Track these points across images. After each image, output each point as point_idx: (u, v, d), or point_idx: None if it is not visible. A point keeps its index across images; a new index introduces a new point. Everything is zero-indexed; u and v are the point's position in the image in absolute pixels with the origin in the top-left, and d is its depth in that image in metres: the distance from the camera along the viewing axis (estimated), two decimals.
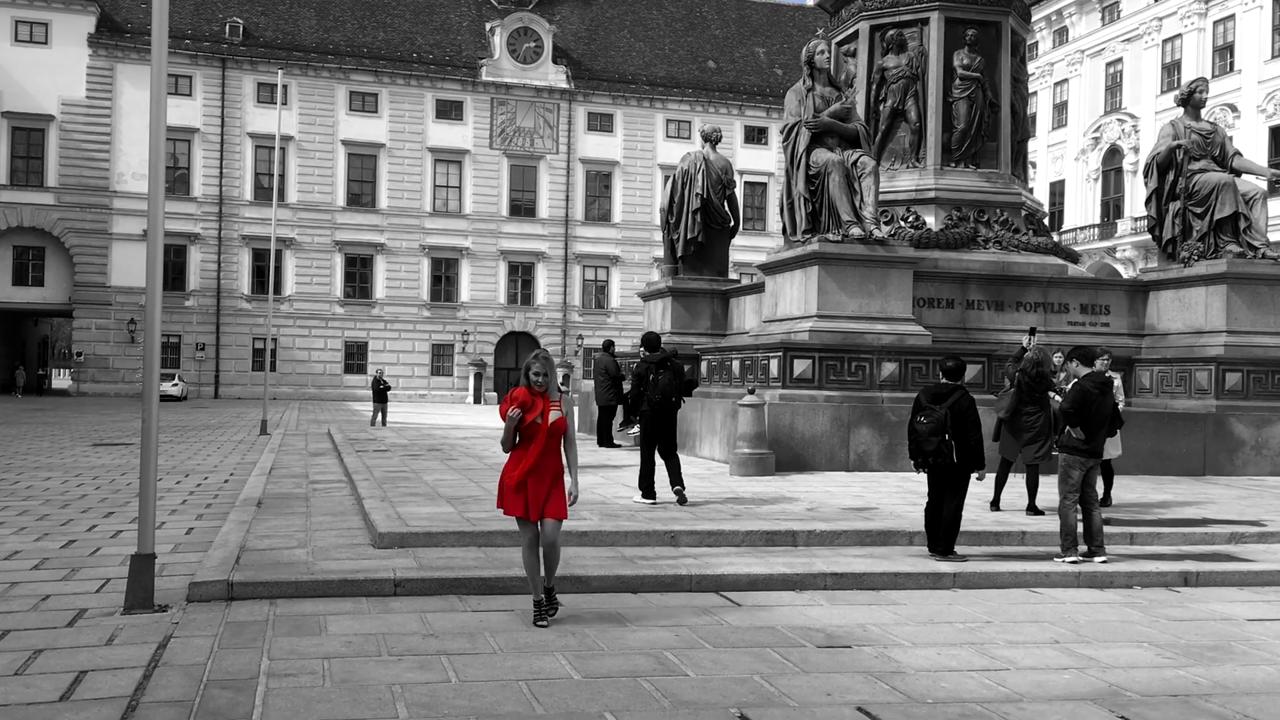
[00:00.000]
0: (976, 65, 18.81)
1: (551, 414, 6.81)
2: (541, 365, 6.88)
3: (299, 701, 5.25)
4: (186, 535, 10.31)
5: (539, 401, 6.83)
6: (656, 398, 11.63)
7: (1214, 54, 43.05)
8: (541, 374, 6.87)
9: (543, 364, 6.89)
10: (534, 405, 6.81)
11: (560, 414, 6.86)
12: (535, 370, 6.87)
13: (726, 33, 60.67)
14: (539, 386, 6.87)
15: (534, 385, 6.87)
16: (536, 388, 6.87)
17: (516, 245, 55.16)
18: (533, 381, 6.87)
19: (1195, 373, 17.34)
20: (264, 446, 21.23)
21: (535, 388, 6.87)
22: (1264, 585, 8.92)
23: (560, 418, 6.85)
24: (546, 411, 6.81)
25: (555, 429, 6.82)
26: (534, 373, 6.87)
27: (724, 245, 22.83)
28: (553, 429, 6.81)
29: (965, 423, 9.12)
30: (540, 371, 6.86)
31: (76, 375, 51.14)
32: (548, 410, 6.81)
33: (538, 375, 6.87)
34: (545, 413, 6.79)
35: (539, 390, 6.87)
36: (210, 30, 51.91)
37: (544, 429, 6.77)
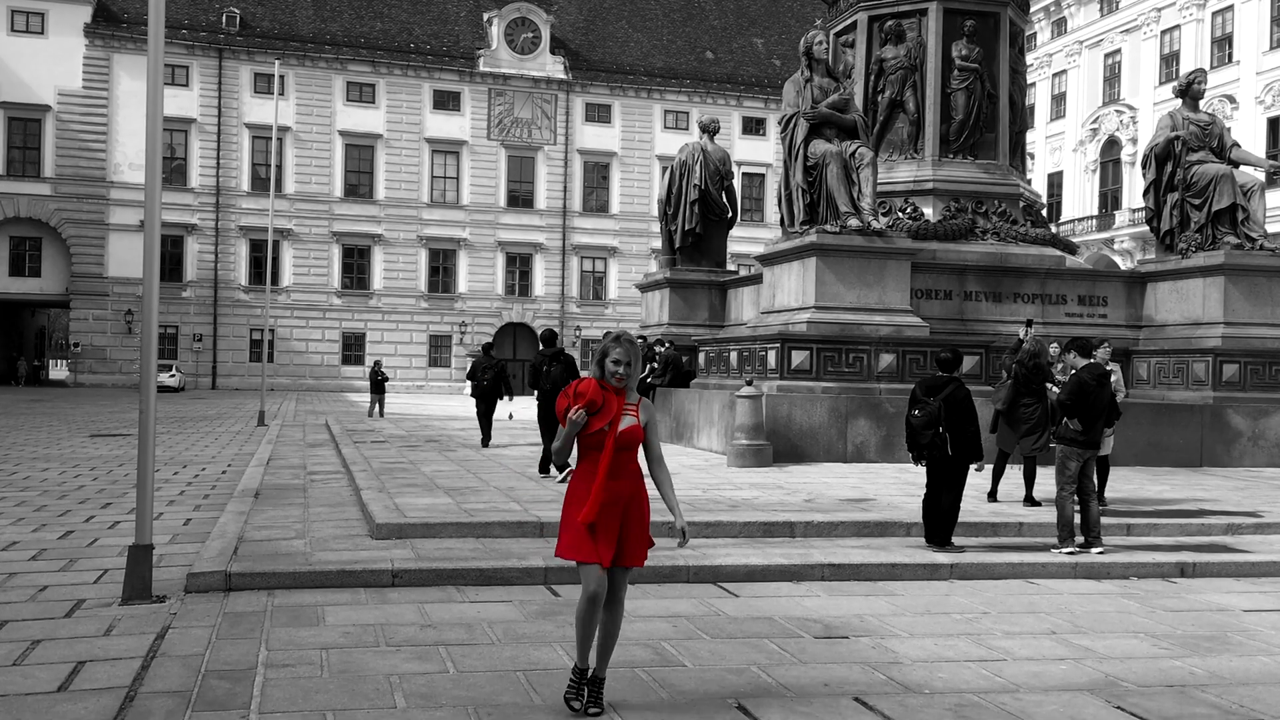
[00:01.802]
0: (975, 56, 18.79)
1: (623, 420, 4.83)
2: (625, 351, 4.87)
3: (297, 692, 5.25)
4: (184, 526, 10.31)
5: (611, 401, 4.84)
6: (547, 387, 13.35)
7: (1212, 45, 43.01)
8: (625, 362, 4.86)
9: (627, 349, 4.87)
10: (604, 406, 4.83)
11: (635, 420, 4.88)
12: (617, 357, 4.84)
13: (724, 23, 60.55)
14: (618, 380, 4.85)
15: (610, 378, 4.85)
16: (613, 380, 4.86)
17: (514, 236, 55.09)
18: (609, 373, 4.86)
19: (1193, 364, 17.36)
20: (261, 437, 21.23)
21: (611, 381, 4.86)
22: (1260, 576, 8.93)
23: (634, 425, 4.87)
24: (617, 416, 4.82)
25: (626, 441, 4.85)
26: (614, 360, 4.85)
27: (722, 236, 22.83)
28: (622, 441, 4.83)
29: (961, 414, 9.13)
30: (623, 359, 4.85)
31: (73, 366, 51.10)
32: (619, 414, 4.83)
33: (619, 364, 4.85)
34: (615, 418, 4.82)
35: (615, 386, 4.87)
36: (207, 20, 51.75)
37: (610, 441, 4.80)
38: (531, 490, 11.73)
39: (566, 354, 13.94)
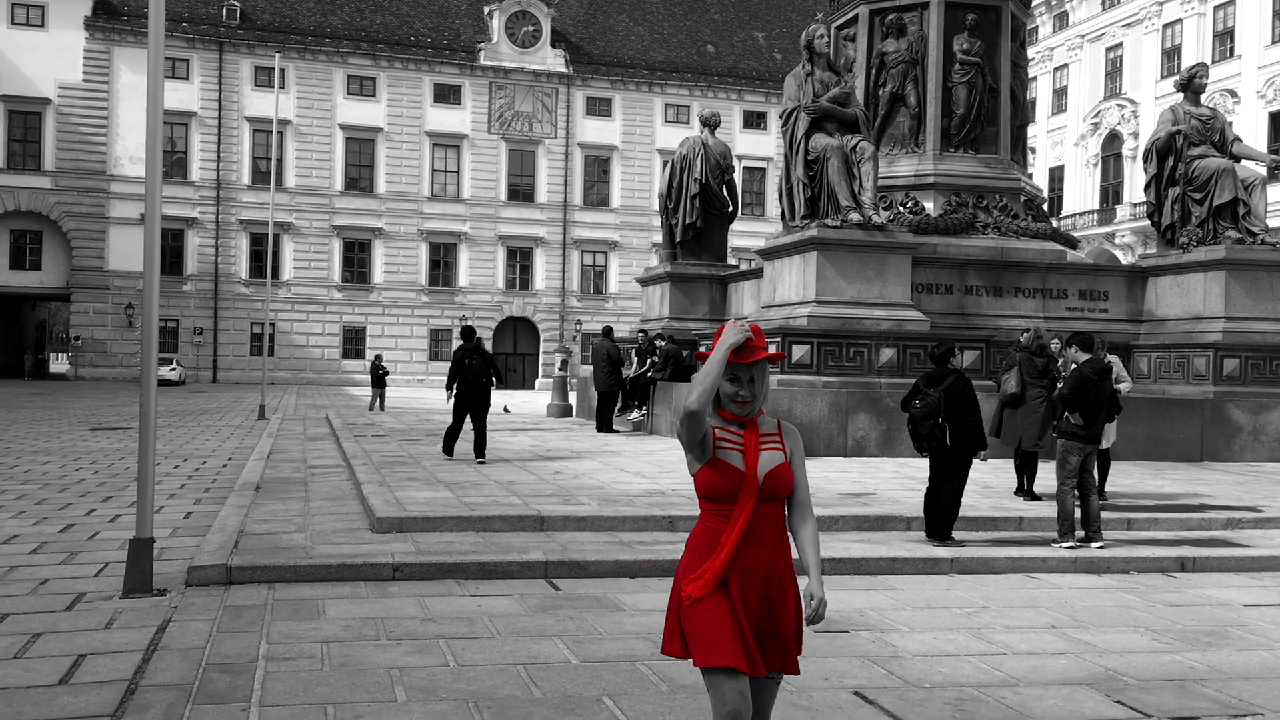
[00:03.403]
0: (976, 50, 18.76)
1: (764, 457, 3.45)
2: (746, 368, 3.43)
3: (297, 685, 5.26)
4: (185, 519, 10.32)
5: (747, 437, 3.46)
6: (470, 377, 14.19)
7: (1214, 39, 42.93)
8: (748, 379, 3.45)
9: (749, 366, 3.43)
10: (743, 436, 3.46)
11: (782, 456, 3.49)
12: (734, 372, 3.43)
13: (726, 17, 60.45)
14: (740, 407, 3.47)
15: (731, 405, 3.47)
16: (735, 409, 3.48)
17: (515, 230, 55.05)
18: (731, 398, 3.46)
19: (1193, 359, 17.35)
20: (262, 431, 21.24)
21: (733, 408, 3.48)
22: (1261, 571, 8.94)
23: (783, 465, 3.47)
24: (754, 450, 3.44)
25: (772, 487, 3.43)
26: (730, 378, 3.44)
27: (722, 230, 22.81)
28: (768, 487, 3.42)
29: (961, 405, 9.13)
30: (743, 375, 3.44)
31: (74, 359, 51.11)
32: (755, 447, 3.45)
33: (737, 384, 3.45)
34: (751, 452, 3.44)
35: (737, 414, 3.48)
36: (207, 13, 51.68)
37: (750, 485, 3.40)
38: (532, 485, 11.73)
39: (484, 348, 14.91)
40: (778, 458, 3.47)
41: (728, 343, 3.35)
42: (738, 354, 3.38)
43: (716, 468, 3.42)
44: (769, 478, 3.43)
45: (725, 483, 3.41)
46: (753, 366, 3.42)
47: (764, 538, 3.43)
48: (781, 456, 3.49)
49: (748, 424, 3.48)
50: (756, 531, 3.41)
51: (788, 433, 3.59)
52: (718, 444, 3.43)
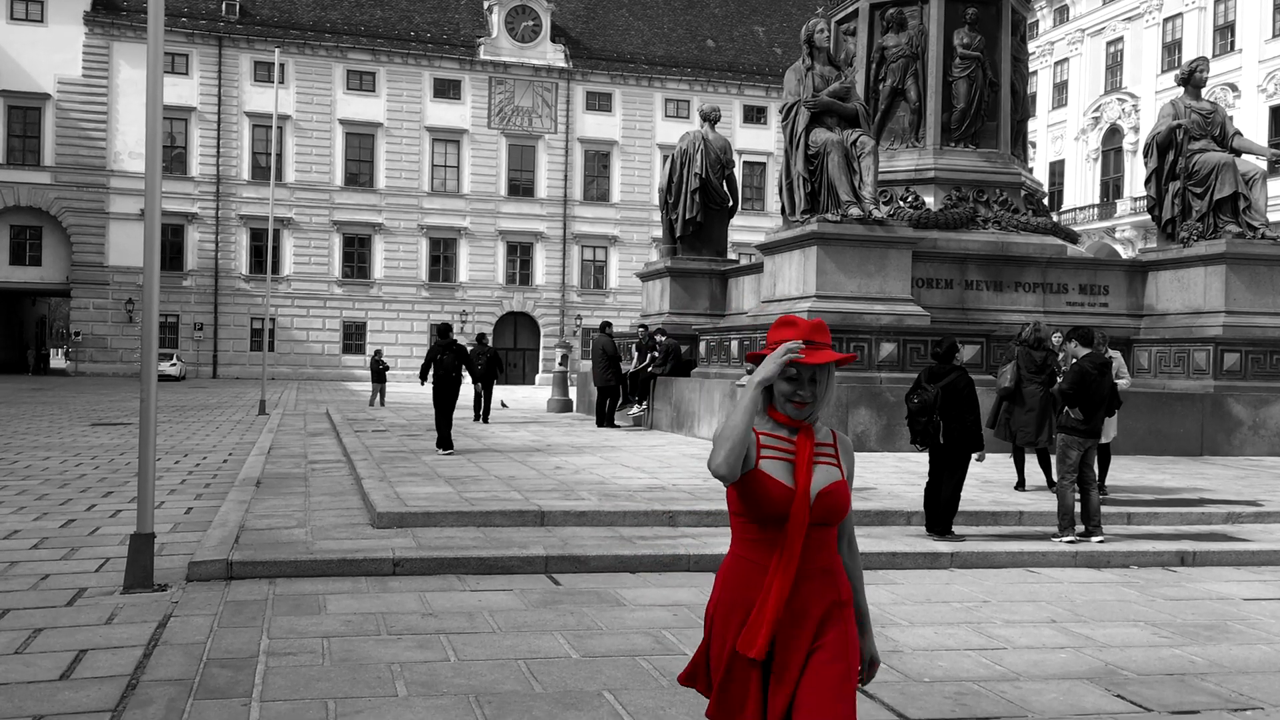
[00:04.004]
0: (977, 44, 18.74)
1: (818, 472, 2.91)
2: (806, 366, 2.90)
3: (298, 680, 5.26)
4: (185, 515, 10.33)
5: (801, 445, 2.92)
6: (441, 372, 15.10)
7: (1215, 33, 42.89)
8: (807, 380, 2.92)
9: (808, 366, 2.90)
10: (794, 445, 2.92)
11: (839, 473, 2.96)
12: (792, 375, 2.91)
13: (726, 11, 60.39)
14: (798, 408, 2.93)
15: (787, 405, 2.93)
16: (791, 411, 2.93)
17: (515, 225, 55.04)
18: (787, 397, 2.93)
19: (1194, 353, 17.34)
20: (262, 426, 21.24)
21: (788, 411, 2.94)
22: (1261, 565, 8.94)
23: (839, 483, 2.94)
24: (807, 463, 2.90)
25: (828, 508, 2.88)
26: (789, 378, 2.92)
27: (723, 225, 22.80)
28: (822, 509, 2.87)
29: (960, 403, 9.13)
30: (804, 376, 2.91)
31: (74, 355, 51.12)
32: (808, 459, 2.91)
33: (796, 384, 2.92)
34: (804, 465, 2.89)
35: (793, 417, 2.94)
36: (206, 8, 51.63)
37: (801, 506, 2.84)
38: (533, 480, 11.74)
39: (459, 344, 15.70)
40: (834, 475, 2.91)
41: (762, 374, 2.81)
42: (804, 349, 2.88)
43: (759, 481, 2.81)
44: (824, 498, 2.85)
45: (771, 501, 2.81)
46: (816, 366, 2.89)
47: (814, 570, 2.87)
48: (838, 473, 2.94)
49: (801, 429, 2.91)
50: (808, 563, 2.85)
51: (844, 447, 3.04)
52: (762, 452, 2.84)
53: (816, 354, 2.88)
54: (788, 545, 2.81)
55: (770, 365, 2.82)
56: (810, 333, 2.93)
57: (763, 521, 2.84)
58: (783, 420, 2.94)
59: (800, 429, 2.93)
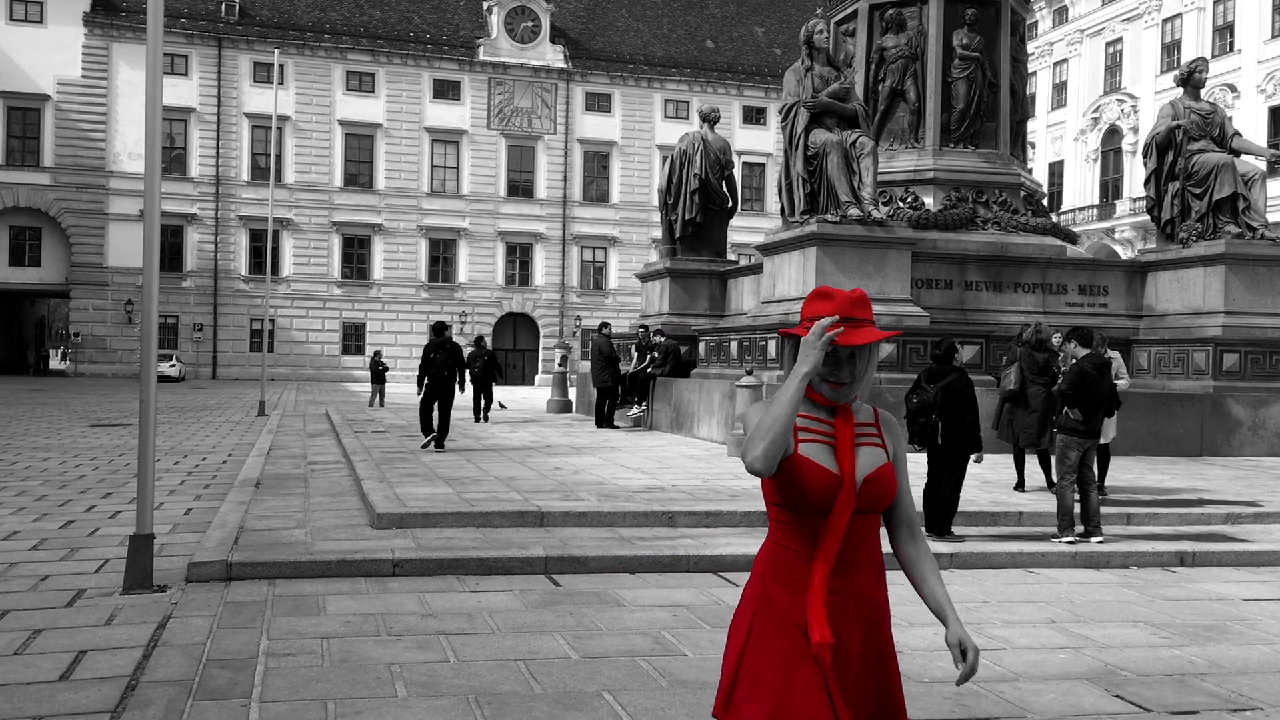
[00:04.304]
0: (976, 45, 18.75)
1: (863, 456, 2.68)
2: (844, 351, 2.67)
3: (298, 681, 5.26)
4: (185, 516, 10.33)
5: (840, 427, 2.67)
6: (432, 371, 15.40)
7: (1214, 34, 42.90)
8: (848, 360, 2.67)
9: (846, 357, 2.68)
10: (833, 426, 2.68)
11: (884, 455, 2.72)
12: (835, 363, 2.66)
13: (725, 12, 60.40)
14: (834, 391, 2.68)
15: (828, 380, 2.67)
16: (828, 393, 2.69)
17: (514, 226, 55.04)
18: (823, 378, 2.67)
19: (1193, 353, 17.34)
20: (262, 427, 21.24)
21: (829, 383, 2.67)
22: (1260, 565, 8.94)
23: (885, 466, 2.70)
24: (849, 445, 2.65)
25: (873, 495, 2.66)
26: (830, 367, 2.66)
27: (722, 226, 22.80)
28: (868, 495, 2.65)
29: (959, 404, 9.14)
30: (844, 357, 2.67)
31: (74, 356, 51.12)
32: (850, 441, 2.66)
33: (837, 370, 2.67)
34: (846, 447, 2.65)
35: (829, 398, 2.69)
36: (206, 9, 51.63)
37: (847, 492, 2.61)
38: (532, 480, 11.74)
39: (453, 343, 15.83)
40: (879, 457, 2.69)
41: (805, 365, 2.53)
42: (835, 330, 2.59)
43: (800, 469, 2.59)
44: (870, 483, 2.63)
45: (813, 488, 2.57)
46: (859, 355, 2.67)
47: (861, 560, 2.65)
48: (884, 455, 2.70)
49: (840, 410, 2.68)
50: (852, 553, 2.63)
51: (887, 425, 2.77)
52: (800, 435, 2.62)
53: (856, 333, 2.63)
54: (828, 534, 2.58)
55: (812, 354, 2.55)
56: (849, 307, 2.65)
57: (806, 510, 2.60)
58: (820, 400, 2.69)
59: (839, 409, 2.69)
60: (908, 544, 2.79)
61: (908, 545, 2.79)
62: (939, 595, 2.79)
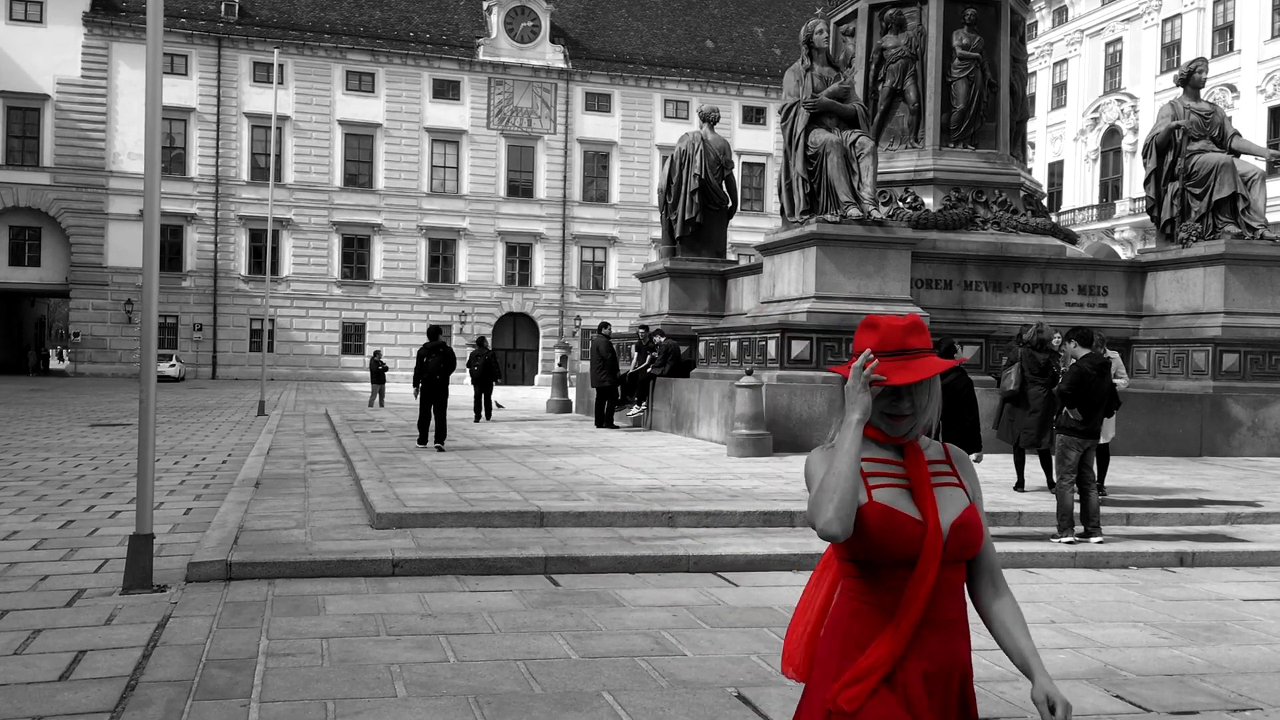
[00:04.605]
0: (976, 45, 18.75)
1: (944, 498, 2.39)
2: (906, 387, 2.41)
3: (298, 681, 5.26)
4: (185, 515, 10.32)
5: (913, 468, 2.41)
6: (425, 374, 15.66)
7: (1214, 34, 42.90)
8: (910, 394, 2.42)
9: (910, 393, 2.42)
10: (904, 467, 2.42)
11: (965, 497, 2.42)
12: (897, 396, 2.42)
13: (725, 12, 60.40)
14: (897, 418, 2.42)
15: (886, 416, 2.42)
16: (887, 429, 2.43)
17: (514, 226, 55.03)
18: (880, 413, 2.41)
19: (1193, 354, 17.34)
20: (262, 427, 21.24)
21: (889, 418, 2.42)
22: (1260, 565, 8.94)
23: (969, 510, 2.40)
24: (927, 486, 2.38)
25: (961, 543, 2.37)
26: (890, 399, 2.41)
27: (722, 226, 22.80)
28: (956, 544, 2.36)
29: (960, 404, 9.15)
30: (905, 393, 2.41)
31: (73, 356, 51.11)
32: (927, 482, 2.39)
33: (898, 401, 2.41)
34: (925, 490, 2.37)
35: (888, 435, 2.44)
36: (205, 9, 51.62)
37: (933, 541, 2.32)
38: (532, 480, 11.74)
39: (446, 346, 16.11)
40: (960, 500, 2.39)
41: (854, 415, 2.30)
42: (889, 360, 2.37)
43: (881, 520, 2.30)
44: (957, 531, 2.34)
45: (897, 538, 2.29)
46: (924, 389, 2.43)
47: (947, 619, 2.35)
48: (965, 497, 2.41)
49: (907, 449, 2.42)
50: (938, 610, 2.33)
51: (960, 462, 2.49)
52: (871, 481, 2.34)
53: (908, 366, 2.36)
54: (914, 590, 2.29)
55: (862, 397, 2.31)
56: (899, 336, 2.38)
57: (886, 564, 2.31)
58: (880, 438, 2.42)
59: (906, 447, 2.42)
60: (990, 595, 2.46)
61: (990, 596, 2.45)
62: (1024, 648, 2.41)
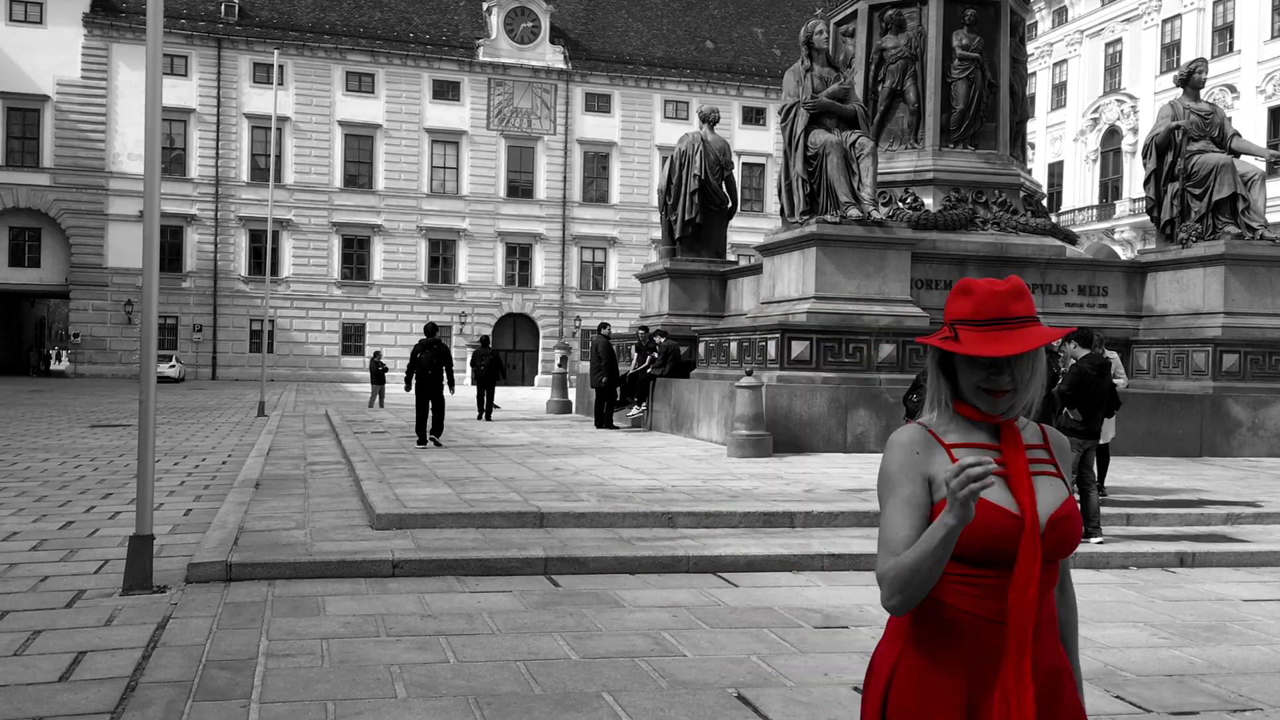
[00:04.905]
0: (975, 45, 18.75)
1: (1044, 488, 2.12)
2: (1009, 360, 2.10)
3: (298, 681, 5.26)
4: (185, 516, 10.32)
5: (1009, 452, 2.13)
6: (418, 371, 15.96)
7: (1213, 34, 42.91)
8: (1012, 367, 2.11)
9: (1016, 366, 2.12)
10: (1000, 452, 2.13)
11: (1065, 488, 2.16)
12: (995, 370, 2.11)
13: (724, 12, 60.41)
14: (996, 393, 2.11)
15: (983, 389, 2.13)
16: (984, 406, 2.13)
17: (514, 227, 55.03)
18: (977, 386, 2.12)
19: (1193, 354, 17.34)
20: (262, 428, 21.23)
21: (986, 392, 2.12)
22: (1260, 566, 8.94)
23: (1069, 502, 2.14)
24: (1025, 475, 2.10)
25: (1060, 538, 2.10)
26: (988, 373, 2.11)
27: (722, 226, 22.81)
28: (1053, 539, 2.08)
29: None
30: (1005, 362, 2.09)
31: (73, 357, 51.11)
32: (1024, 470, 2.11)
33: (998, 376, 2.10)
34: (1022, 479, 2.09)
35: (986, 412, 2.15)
36: (205, 10, 51.62)
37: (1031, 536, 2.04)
38: (532, 481, 11.73)
39: (441, 344, 16.29)
40: (1059, 490, 2.12)
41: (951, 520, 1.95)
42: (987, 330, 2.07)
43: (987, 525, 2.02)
44: (1055, 525, 2.07)
45: (992, 534, 2.01)
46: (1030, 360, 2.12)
47: (1041, 620, 2.09)
48: (1064, 488, 2.14)
49: (1004, 429, 2.13)
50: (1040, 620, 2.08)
51: (1059, 449, 2.22)
52: None
53: (1003, 342, 2.05)
54: (1017, 593, 2.01)
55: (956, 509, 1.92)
56: (1001, 303, 2.09)
57: (977, 561, 2.04)
58: (974, 416, 2.14)
59: (1002, 428, 2.14)
60: (1058, 599, 2.21)
61: (1058, 600, 2.20)
62: (1074, 659, 2.25)
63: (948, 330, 2.12)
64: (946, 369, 2.16)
